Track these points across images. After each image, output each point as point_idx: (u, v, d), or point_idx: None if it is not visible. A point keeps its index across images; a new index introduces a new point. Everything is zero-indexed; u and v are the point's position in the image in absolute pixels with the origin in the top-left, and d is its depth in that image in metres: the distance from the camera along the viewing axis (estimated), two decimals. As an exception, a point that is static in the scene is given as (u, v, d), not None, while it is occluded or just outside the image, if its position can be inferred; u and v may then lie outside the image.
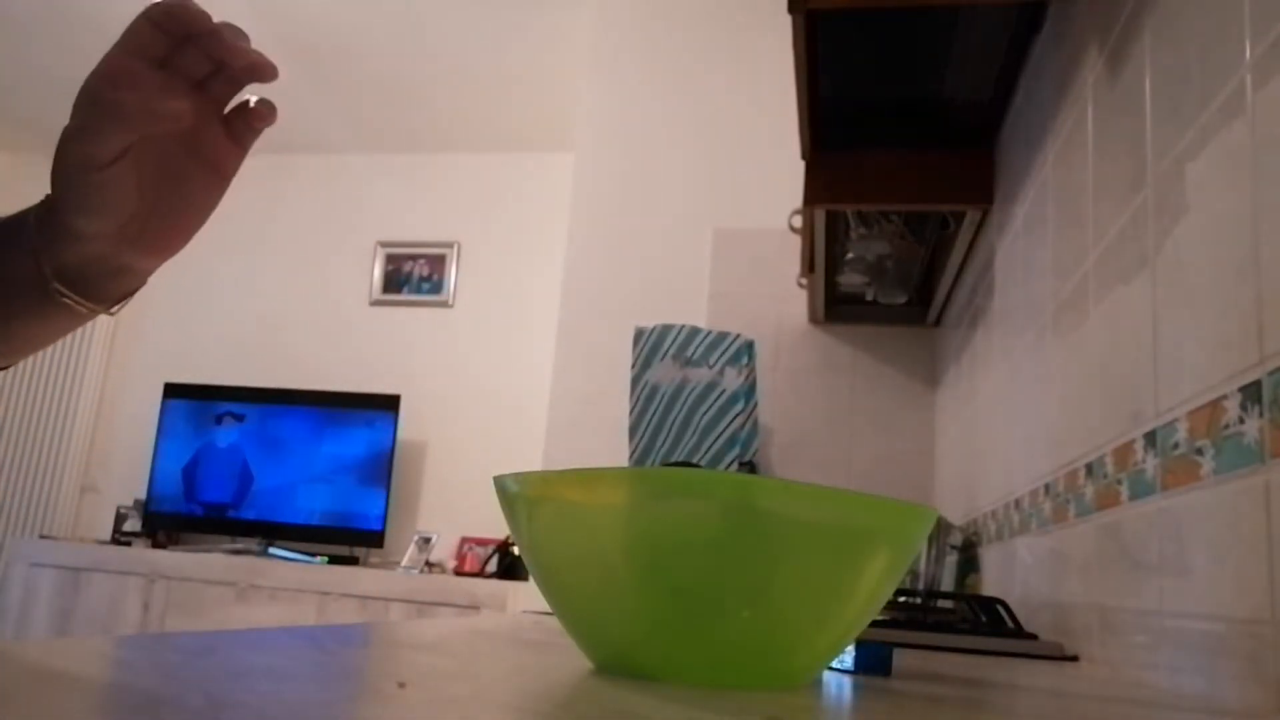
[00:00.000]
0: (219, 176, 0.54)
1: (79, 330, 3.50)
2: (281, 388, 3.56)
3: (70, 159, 0.48)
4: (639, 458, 2.01)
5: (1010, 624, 1.08)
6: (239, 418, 3.49)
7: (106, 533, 3.63)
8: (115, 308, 0.56)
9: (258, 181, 3.98)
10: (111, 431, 3.88)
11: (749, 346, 2.03)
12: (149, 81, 0.47)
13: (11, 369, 3.79)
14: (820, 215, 1.68)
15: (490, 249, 3.73)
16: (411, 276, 3.76)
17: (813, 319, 2.31)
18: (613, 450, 2.32)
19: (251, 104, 0.54)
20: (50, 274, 0.52)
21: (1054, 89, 1.19)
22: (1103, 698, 0.57)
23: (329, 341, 3.76)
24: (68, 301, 0.53)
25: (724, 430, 1.97)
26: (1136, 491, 0.80)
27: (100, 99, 0.47)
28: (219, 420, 3.51)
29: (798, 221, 1.85)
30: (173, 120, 0.48)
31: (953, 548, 1.62)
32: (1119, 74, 0.91)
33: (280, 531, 3.36)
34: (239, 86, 0.52)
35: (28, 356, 0.62)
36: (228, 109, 0.53)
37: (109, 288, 0.54)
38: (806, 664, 0.45)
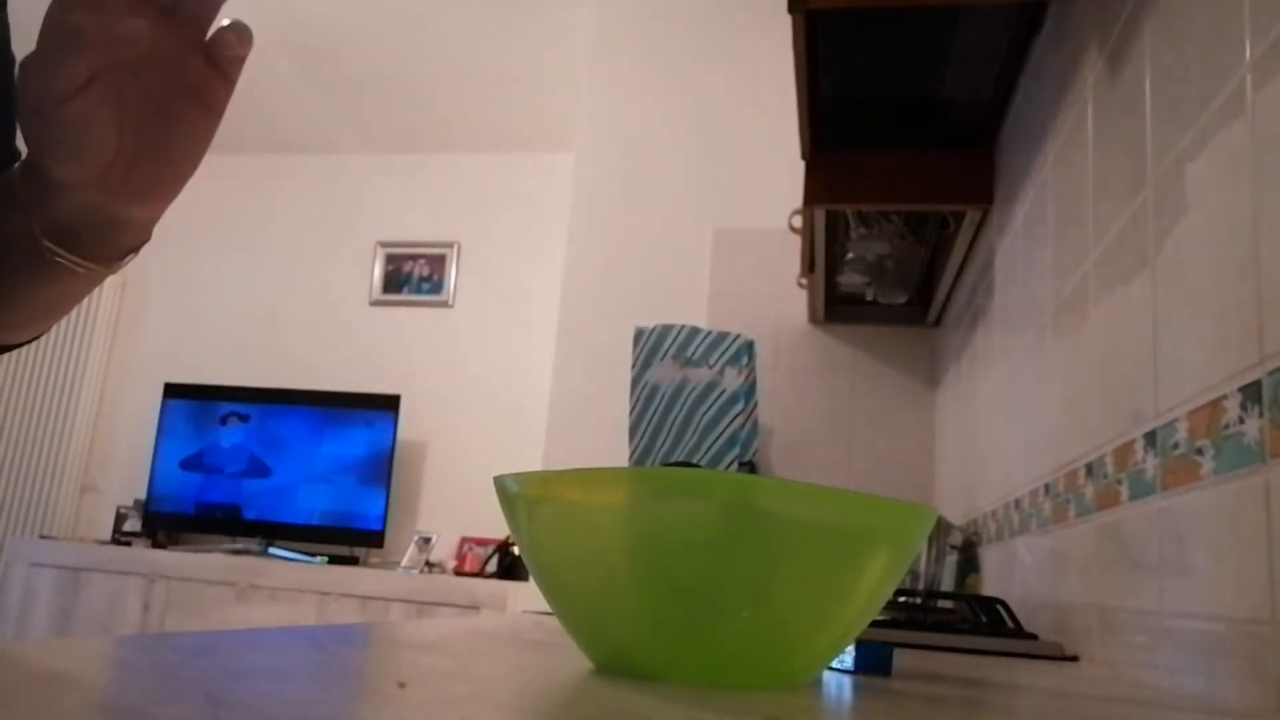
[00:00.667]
0: (208, 111, 0.50)
1: (79, 330, 3.46)
2: (281, 388, 3.56)
3: (29, 91, 0.45)
4: (639, 458, 2.01)
5: (1010, 624, 1.08)
6: (244, 418, 3.49)
7: (106, 533, 3.63)
8: (119, 265, 0.53)
9: (258, 181, 3.99)
10: (111, 431, 3.88)
11: (749, 346, 2.03)
12: (109, 4, 0.43)
13: (10, 369, 3.79)
14: (820, 215, 1.68)
15: (490, 249, 3.73)
16: (411, 276, 3.76)
17: (813, 319, 2.31)
18: (613, 450, 2.32)
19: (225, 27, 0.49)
20: (40, 232, 0.49)
21: (1054, 89, 1.19)
22: (1103, 698, 0.57)
23: (329, 341, 3.76)
24: (63, 261, 0.50)
25: (724, 430, 1.97)
26: (1136, 491, 0.80)
27: (58, 23, 0.43)
28: (224, 421, 3.51)
29: (798, 221, 1.85)
30: (133, 41, 0.44)
31: (953, 548, 1.62)
32: (1119, 74, 0.91)
33: (280, 531, 3.36)
34: (212, 9, 0.48)
35: (45, 327, 0.58)
36: (208, 37, 0.49)
37: (107, 243, 0.51)
38: (806, 664, 0.45)
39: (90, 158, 0.46)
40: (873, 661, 0.56)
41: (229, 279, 3.93)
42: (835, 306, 2.22)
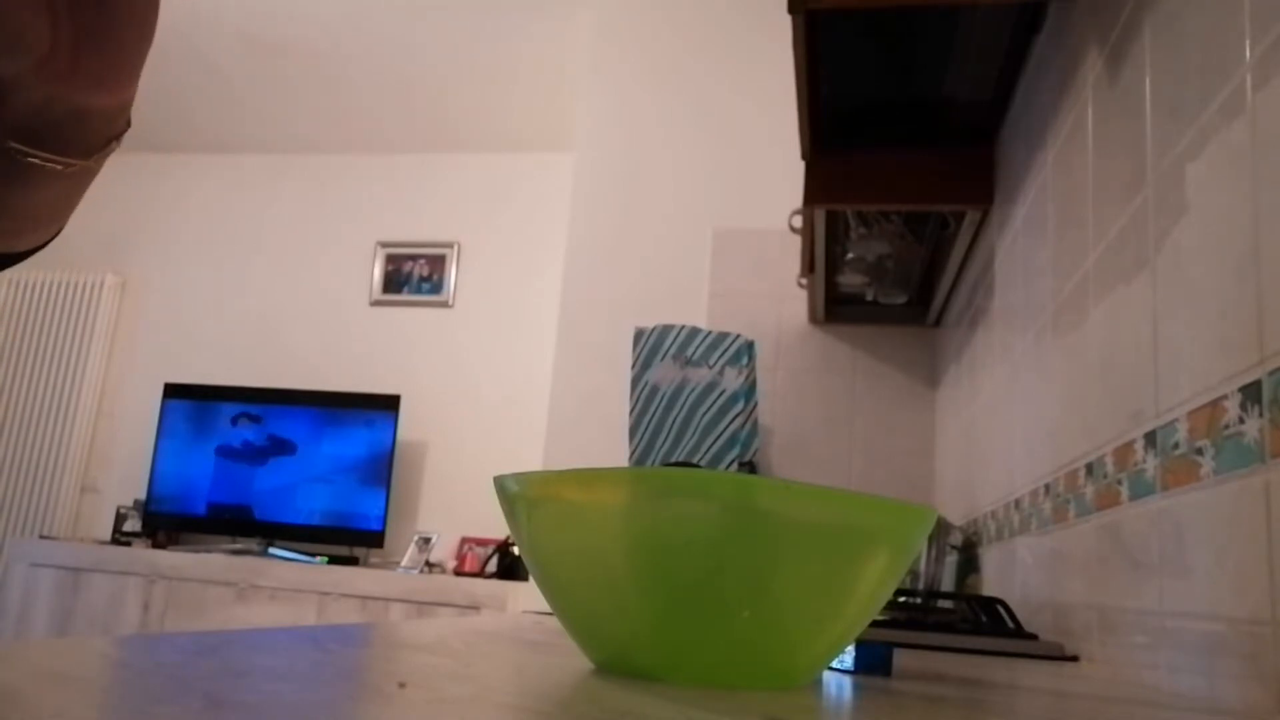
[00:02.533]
0: None
1: (79, 330, 3.43)
2: (282, 388, 3.56)
3: None
4: (639, 458, 2.01)
5: (1010, 624, 1.08)
6: (255, 418, 3.49)
7: (106, 533, 3.63)
8: (100, 156, 0.50)
9: (257, 182, 3.99)
10: (111, 431, 3.88)
11: (749, 347, 2.03)
12: None
13: (10, 370, 3.78)
14: (820, 215, 1.68)
15: (490, 249, 3.73)
16: (411, 276, 3.76)
17: (813, 319, 2.31)
18: (613, 450, 2.32)
19: None
20: (3, 135, 0.47)
21: (1054, 89, 1.19)
22: (1103, 698, 0.57)
23: (329, 341, 3.77)
24: (35, 160, 0.48)
25: (724, 430, 1.97)
26: (1136, 491, 0.80)
27: None
28: (235, 421, 3.50)
29: (798, 221, 1.85)
30: None
31: (953, 548, 1.62)
32: (1119, 74, 0.91)
33: (280, 531, 3.36)
34: None
35: (51, 232, 0.56)
36: None
37: (77, 136, 0.49)
38: (806, 664, 0.45)
39: (25, 49, 0.43)
40: (873, 661, 0.56)
41: (229, 279, 3.93)
42: (835, 306, 2.22)
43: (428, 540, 3.19)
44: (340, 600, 2.89)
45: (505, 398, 3.54)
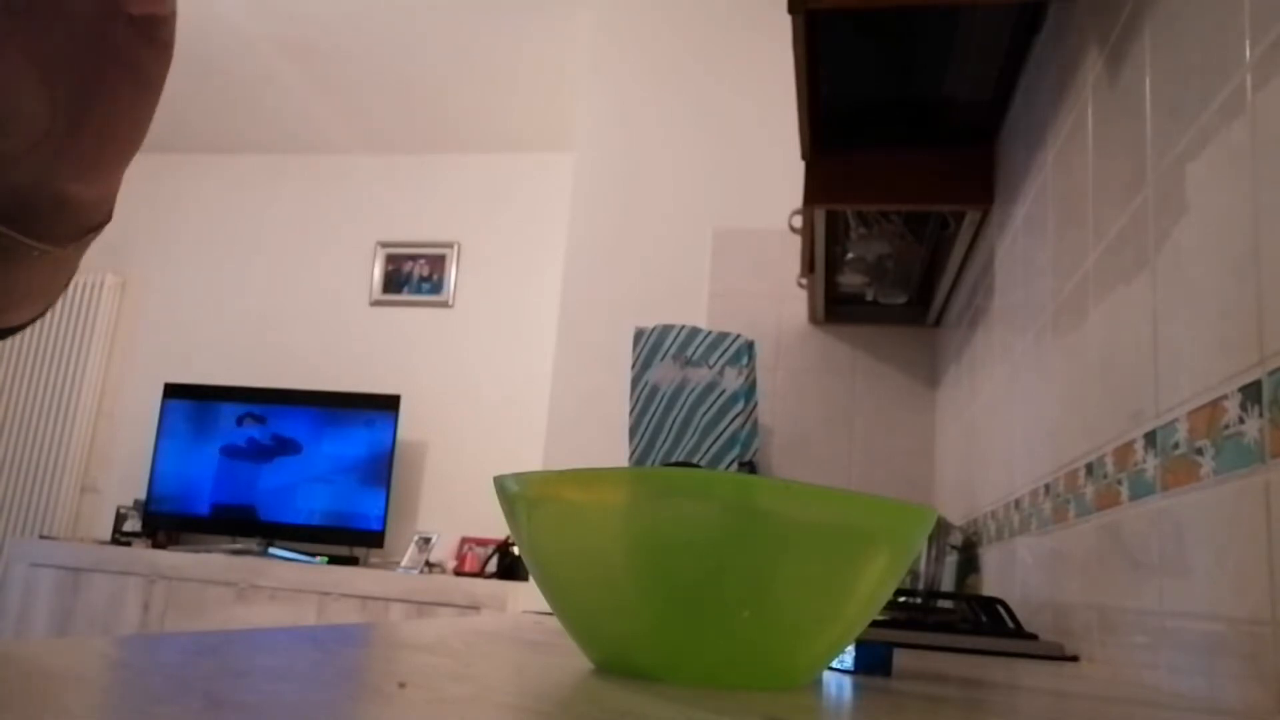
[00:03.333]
0: (141, 83, 0.46)
1: (79, 330, 3.41)
2: (281, 388, 3.56)
3: None
4: (639, 458, 2.01)
5: (1010, 624, 1.08)
6: (259, 419, 3.49)
7: (106, 533, 3.63)
8: (78, 245, 0.50)
9: (258, 181, 3.99)
10: (111, 431, 3.88)
11: (749, 347, 2.03)
12: None
13: (10, 369, 3.78)
14: (820, 215, 1.68)
15: (490, 249, 3.73)
16: (411, 276, 3.76)
17: (813, 319, 2.31)
18: (613, 450, 2.32)
19: None
20: None
21: (1054, 89, 1.19)
22: (1103, 698, 0.57)
23: (329, 341, 3.77)
24: (8, 242, 0.47)
25: (724, 430, 1.97)
26: (1136, 491, 0.80)
27: None
28: (240, 422, 3.50)
29: (798, 221, 1.85)
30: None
31: (953, 548, 1.62)
32: (1119, 74, 0.91)
33: (280, 531, 3.36)
34: None
35: (22, 317, 0.55)
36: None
37: (55, 224, 0.48)
38: (806, 664, 0.45)
39: (17, 129, 0.43)
40: (873, 661, 0.56)
41: (229, 279, 3.93)
42: (835, 306, 2.22)
43: (428, 540, 3.19)
44: (340, 600, 2.89)
45: (505, 398, 3.54)
